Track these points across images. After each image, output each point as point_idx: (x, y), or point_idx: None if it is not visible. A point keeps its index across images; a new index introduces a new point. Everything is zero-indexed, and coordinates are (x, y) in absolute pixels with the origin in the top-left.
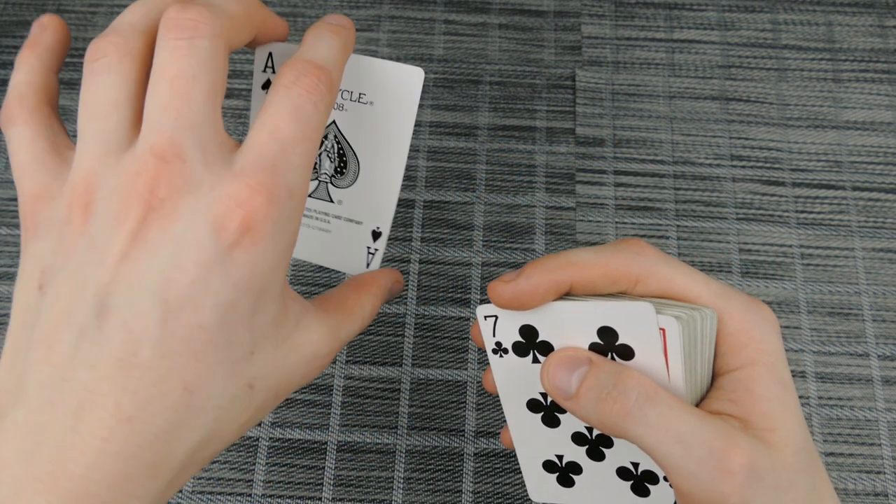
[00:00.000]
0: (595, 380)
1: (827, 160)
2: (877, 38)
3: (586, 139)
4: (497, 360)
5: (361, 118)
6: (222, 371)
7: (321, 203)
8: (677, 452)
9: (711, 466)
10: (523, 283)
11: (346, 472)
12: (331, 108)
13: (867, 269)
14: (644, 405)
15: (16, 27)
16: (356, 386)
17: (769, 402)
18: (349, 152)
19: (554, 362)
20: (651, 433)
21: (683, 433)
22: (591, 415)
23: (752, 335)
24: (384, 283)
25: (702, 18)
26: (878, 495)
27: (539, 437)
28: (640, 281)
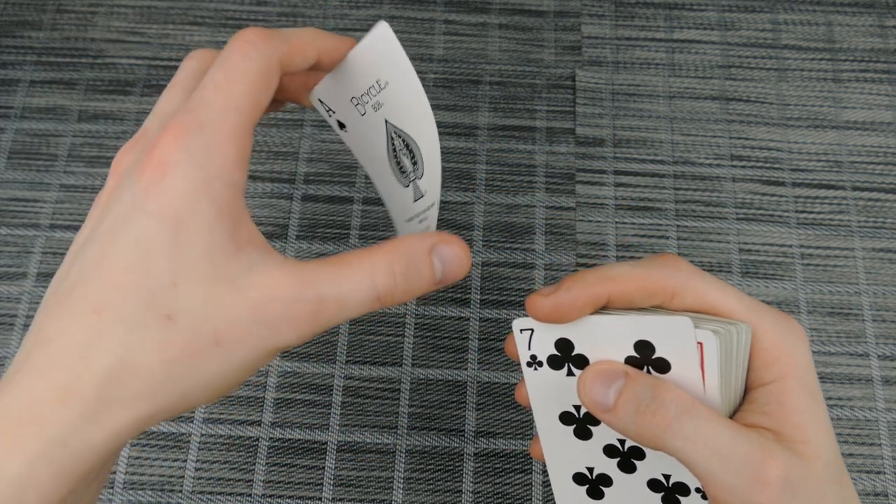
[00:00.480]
0: (632, 392)
1: (827, 160)
2: (877, 38)
3: (586, 139)
4: (531, 373)
5: (395, 102)
6: (135, 298)
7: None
8: (715, 464)
9: (749, 477)
10: (563, 296)
11: (346, 472)
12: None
13: (867, 269)
14: (682, 418)
15: (16, 27)
16: (356, 386)
17: (802, 415)
18: (410, 140)
19: (591, 376)
20: (689, 445)
21: (721, 445)
22: (629, 427)
23: (784, 349)
24: (411, 250)
25: (702, 18)
26: (879, 495)
27: (570, 449)
28: (676, 295)
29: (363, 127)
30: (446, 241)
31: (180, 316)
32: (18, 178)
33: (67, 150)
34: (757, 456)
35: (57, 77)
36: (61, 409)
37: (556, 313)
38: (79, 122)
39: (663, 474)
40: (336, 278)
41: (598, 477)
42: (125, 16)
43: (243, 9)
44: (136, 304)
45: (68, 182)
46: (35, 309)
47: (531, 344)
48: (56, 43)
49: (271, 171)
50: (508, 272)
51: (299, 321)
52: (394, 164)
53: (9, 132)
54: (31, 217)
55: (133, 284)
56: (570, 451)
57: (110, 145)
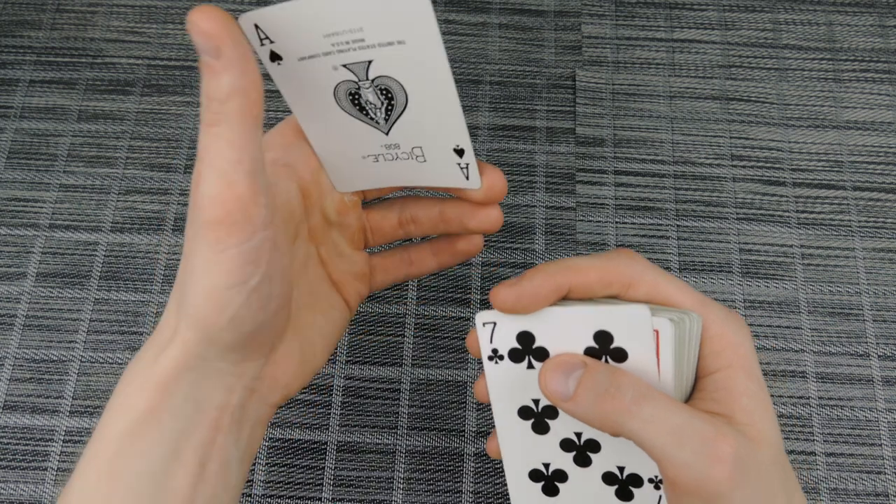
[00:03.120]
0: (592, 380)
1: (827, 160)
2: (877, 37)
3: (586, 139)
4: (492, 367)
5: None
6: None
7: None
8: (672, 443)
9: (704, 454)
10: (526, 286)
11: (346, 472)
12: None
13: (868, 270)
14: (640, 401)
15: (16, 27)
16: (356, 386)
17: (749, 401)
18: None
19: (550, 367)
20: (647, 427)
21: (677, 426)
22: (589, 413)
23: (730, 340)
24: None
25: (702, 18)
26: (879, 495)
27: (527, 445)
28: (632, 285)
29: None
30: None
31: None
32: (18, 178)
33: (67, 150)
34: (711, 434)
35: (56, 77)
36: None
37: (519, 303)
38: (78, 121)
39: (618, 466)
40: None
41: (554, 473)
42: (125, 15)
43: (243, 9)
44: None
45: (68, 182)
46: (34, 308)
47: (493, 338)
48: (55, 42)
49: None
50: (509, 272)
51: (198, 172)
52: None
53: (8, 132)
54: (30, 217)
55: None
56: (528, 446)
57: (110, 145)
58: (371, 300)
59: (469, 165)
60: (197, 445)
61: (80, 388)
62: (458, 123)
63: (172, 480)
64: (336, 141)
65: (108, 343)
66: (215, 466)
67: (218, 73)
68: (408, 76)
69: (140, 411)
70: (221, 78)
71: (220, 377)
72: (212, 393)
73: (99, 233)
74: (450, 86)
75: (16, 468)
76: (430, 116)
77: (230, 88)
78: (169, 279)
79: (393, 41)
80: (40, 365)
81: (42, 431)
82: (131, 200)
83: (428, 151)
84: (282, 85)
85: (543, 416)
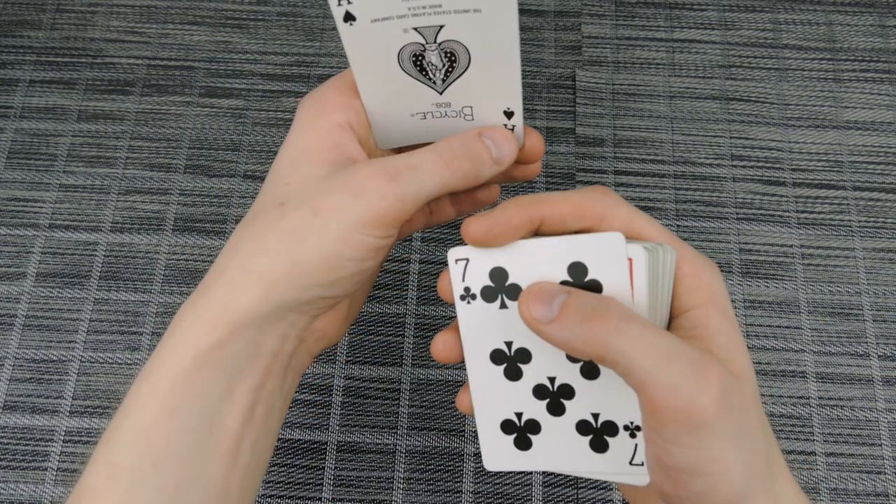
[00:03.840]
0: (578, 302)
1: (827, 160)
2: (877, 37)
3: (586, 139)
4: (464, 307)
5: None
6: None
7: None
8: (661, 363)
9: (692, 376)
10: (498, 216)
11: (346, 472)
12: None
13: (867, 270)
14: (629, 321)
15: (15, 27)
16: (356, 386)
17: (726, 338)
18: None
19: (532, 292)
20: (636, 346)
21: (667, 347)
22: (574, 334)
23: (704, 279)
24: (461, 135)
25: (702, 18)
26: (879, 495)
27: (500, 393)
28: (605, 219)
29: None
30: (490, 128)
31: (288, 200)
32: (18, 178)
33: (67, 150)
34: (699, 358)
35: (56, 77)
36: (216, 281)
37: (490, 233)
38: (78, 121)
39: (592, 413)
40: (407, 156)
41: (527, 423)
42: (124, 15)
43: (243, 8)
44: (264, 203)
45: (67, 182)
46: (34, 308)
47: (465, 275)
48: (55, 42)
49: None
50: None
51: (379, 182)
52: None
53: (8, 132)
54: (30, 217)
55: (264, 193)
56: (500, 395)
57: (109, 145)
58: (371, 300)
59: (516, 127)
60: (249, 388)
61: (80, 388)
62: (514, 87)
63: (225, 420)
64: (389, 99)
65: (108, 343)
66: (262, 410)
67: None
68: (475, 41)
69: (203, 350)
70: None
71: (280, 325)
72: (270, 339)
73: (99, 233)
74: (515, 51)
75: (16, 468)
76: (488, 79)
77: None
78: (169, 279)
79: (470, 9)
80: (40, 365)
81: (42, 431)
82: (131, 200)
83: (477, 111)
84: (349, 44)
85: (516, 361)
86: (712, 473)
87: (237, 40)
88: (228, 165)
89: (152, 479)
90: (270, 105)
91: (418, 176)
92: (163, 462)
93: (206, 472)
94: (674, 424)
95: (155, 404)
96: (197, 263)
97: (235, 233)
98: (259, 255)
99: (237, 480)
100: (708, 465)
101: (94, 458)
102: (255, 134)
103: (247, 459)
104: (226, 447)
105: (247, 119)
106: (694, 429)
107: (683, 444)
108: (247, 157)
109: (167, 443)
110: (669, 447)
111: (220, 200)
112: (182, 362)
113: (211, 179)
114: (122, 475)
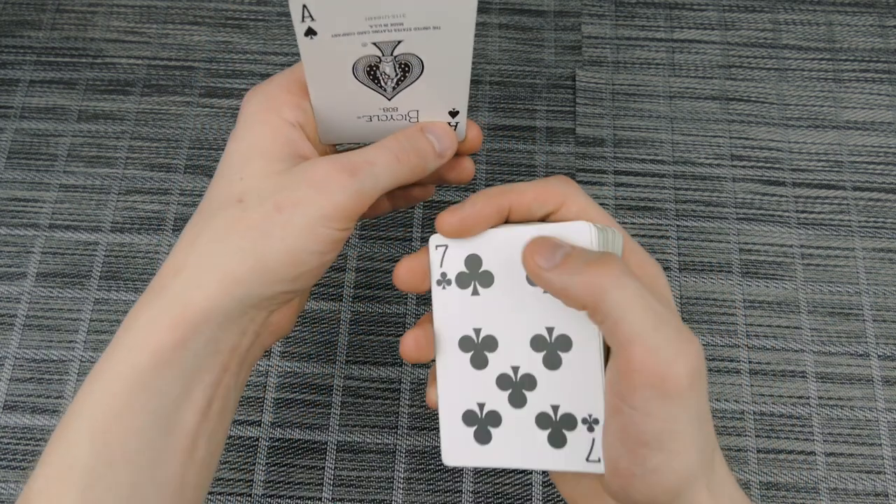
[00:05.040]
0: (581, 252)
1: (827, 160)
2: (877, 37)
3: (586, 139)
4: (440, 292)
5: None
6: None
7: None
8: (650, 325)
9: (676, 344)
10: (468, 209)
11: (346, 472)
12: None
13: (867, 269)
14: (629, 276)
15: (15, 27)
16: (356, 386)
17: (678, 319)
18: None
19: (537, 243)
20: (632, 301)
21: (659, 311)
22: (574, 279)
23: (649, 270)
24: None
25: (702, 18)
26: (879, 495)
27: (465, 381)
28: (565, 203)
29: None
30: (432, 123)
31: (247, 196)
32: (18, 178)
33: (67, 150)
34: (684, 331)
35: (56, 77)
36: (173, 279)
37: (463, 225)
38: (78, 121)
39: (552, 406)
40: (362, 152)
41: (488, 415)
42: (125, 15)
43: (243, 8)
44: (219, 198)
45: (68, 182)
46: (34, 308)
47: (443, 261)
48: (56, 43)
49: None
50: None
51: (340, 177)
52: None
53: (8, 132)
54: (30, 217)
55: (216, 188)
56: (464, 384)
57: (110, 145)
58: (371, 300)
59: (459, 124)
60: (207, 385)
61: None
62: (462, 92)
63: (182, 418)
64: (339, 103)
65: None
66: (218, 405)
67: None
68: (431, 53)
69: (162, 348)
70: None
71: (240, 321)
72: (229, 335)
73: (99, 233)
74: (467, 62)
75: (16, 468)
76: (438, 86)
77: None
78: None
79: (430, 26)
80: (40, 365)
81: (42, 431)
82: (131, 200)
83: (423, 114)
84: (306, 56)
85: (483, 349)
86: (672, 450)
87: (237, 40)
88: None
89: (108, 480)
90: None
91: (374, 171)
92: (118, 462)
93: (162, 470)
94: (647, 389)
95: (110, 404)
96: None
97: (189, 229)
98: (221, 252)
99: (192, 475)
100: (669, 440)
101: (43, 459)
102: None
103: (202, 454)
104: (182, 445)
105: None
106: (665, 396)
107: (652, 413)
108: None
109: (123, 443)
110: (637, 416)
111: None
112: (140, 362)
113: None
114: (75, 477)
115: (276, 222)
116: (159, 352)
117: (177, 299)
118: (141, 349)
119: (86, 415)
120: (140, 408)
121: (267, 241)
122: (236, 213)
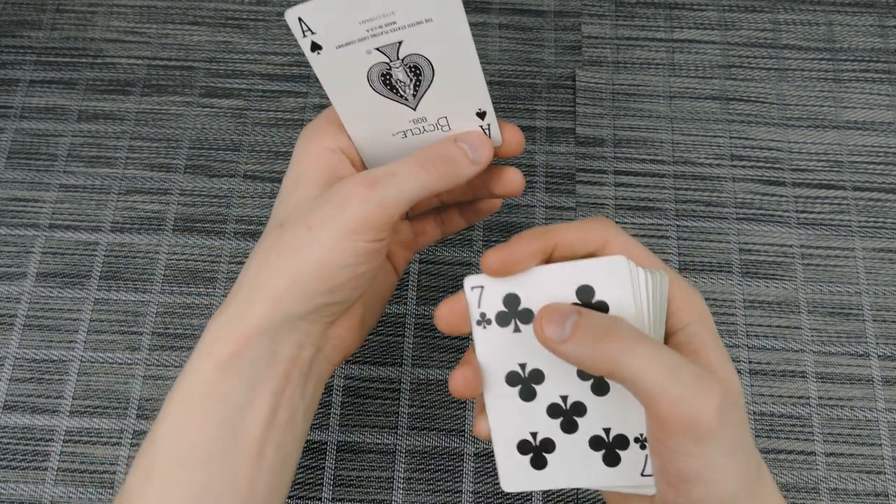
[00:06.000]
0: (589, 321)
1: (827, 160)
2: (877, 37)
3: (586, 139)
4: (480, 332)
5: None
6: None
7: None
8: (668, 379)
9: (696, 389)
10: (514, 247)
11: (346, 472)
12: None
13: (867, 269)
14: (638, 341)
15: (15, 27)
16: (356, 386)
17: (717, 355)
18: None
19: (545, 315)
20: (645, 363)
21: (673, 363)
22: (586, 351)
23: (690, 298)
24: (437, 144)
25: (702, 18)
26: (879, 495)
27: (515, 414)
28: (607, 243)
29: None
30: (465, 133)
31: (287, 221)
32: (18, 178)
33: (67, 150)
34: (701, 373)
35: (56, 77)
36: (234, 298)
37: (507, 263)
38: (78, 121)
39: (604, 429)
40: (387, 165)
41: (542, 443)
42: (125, 15)
43: (243, 8)
44: (269, 226)
45: (68, 182)
46: (34, 308)
47: (481, 301)
48: (55, 43)
49: (271, 170)
50: None
51: (360, 189)
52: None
53: (8, 132)
54: (30, 217)
55: (271, 217)
56: (515, 416)
57: (110, 145)
58: None
59: (491, 126)
60: (270, 393)
61: (80, 388)
62: (480, 88)
63: (247, 424)
64: (369, 122)
65: (108, 343)
66: (284, 415)
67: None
68: (434, 51)
69: (223, 359)
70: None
71: (294, 334)
72: (285, 347)
73: (99, 233)
74: (472, 54)
75: (16, 468)
76: (454, 86)
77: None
78: (169, 279)
79: (421, 20)
80: (40, 365)
81: (42, 431)
82: (131, 200)
83: (453, 120)
84: (321, 73)
85: (530, 382)
86: (712, 481)
87: (237, 40)
88: (228, 165)
89: (183, 479)
90: (270, 105)
91: (396, 180)
92: (191, 463)
93: (231, 473)
94: (680, 436)
95: (185, 410)
96: (197, 263)
97: (251, 254)
98: (263, 272)
99: (263, 482)
100: (709, 473)
101: (136, 459)
102: (255, 134)
103: (271, 462)
104: (249, 450)
105: (247, 119)
106: (699, 439)
107: (689, 454)
108: (247, 157)
109: (195, 446)
110: (676, 457)
111: (221, 200)
112: (206, 371)
113: (211, 179)
114: (156, 475)
115: (304, 241)
116: (220, 362)
117: (233, 315)
118: (206, 361)
119: (167, 420)
120: (208, 413)
121: (298, 259)
122: (276, 236)
